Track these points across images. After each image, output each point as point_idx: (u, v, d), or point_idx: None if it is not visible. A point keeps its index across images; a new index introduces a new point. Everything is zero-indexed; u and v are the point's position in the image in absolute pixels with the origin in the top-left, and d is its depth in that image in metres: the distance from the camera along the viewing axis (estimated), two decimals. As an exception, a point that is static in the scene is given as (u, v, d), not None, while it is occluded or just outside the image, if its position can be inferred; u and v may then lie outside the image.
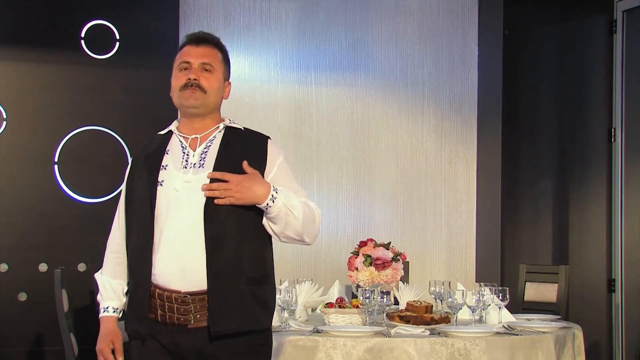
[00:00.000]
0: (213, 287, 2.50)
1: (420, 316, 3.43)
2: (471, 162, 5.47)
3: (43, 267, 4.52)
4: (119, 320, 2.70)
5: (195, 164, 2.60)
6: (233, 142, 2.65)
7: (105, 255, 2.74)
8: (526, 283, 4.73)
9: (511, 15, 5.44)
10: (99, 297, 2.71)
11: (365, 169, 5.37)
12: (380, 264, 4.01)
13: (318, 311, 3.67)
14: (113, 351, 2.64)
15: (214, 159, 2.60)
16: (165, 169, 2.60)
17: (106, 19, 4.72)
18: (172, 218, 2.53)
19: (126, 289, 2.67)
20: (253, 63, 5.25)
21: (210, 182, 2.54)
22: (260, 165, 2.62)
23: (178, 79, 2.65)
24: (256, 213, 2.59)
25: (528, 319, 3.83)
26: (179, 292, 2.51)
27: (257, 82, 5.24)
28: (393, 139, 5.40)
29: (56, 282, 3.62)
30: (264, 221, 2.61)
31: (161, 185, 2.57)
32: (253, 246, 2.59)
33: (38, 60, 4.61)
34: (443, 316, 3.46)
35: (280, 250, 2.73)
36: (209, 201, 2.52)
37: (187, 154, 2.62)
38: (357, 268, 4.06)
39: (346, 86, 5.36)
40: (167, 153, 2.64)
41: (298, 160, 5.24)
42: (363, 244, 4.15)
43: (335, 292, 4.02)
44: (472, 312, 3.52)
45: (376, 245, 4.10)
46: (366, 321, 3.42)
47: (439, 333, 3.27)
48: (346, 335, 3.16)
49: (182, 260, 2.51)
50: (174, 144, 2.66)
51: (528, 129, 5.72)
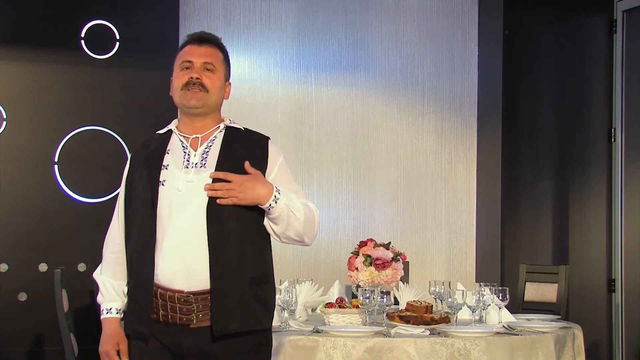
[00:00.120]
0: (216, 287, 2.50)
1: (420, 316, 3.43)
2: (471, 162, 5.47)
3: (43, 267, 4.52)
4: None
5: (196, 164, 2.59)
6: (234, 142, 2.65)
7: (103, 255, 2.72)
8: (526, 283, 4.73)
9: (511, 15, 5.44)
10: (100, 298, 2.69)
11: (365, 169, 5.37)
12: (380, 264, 4.01)
13: (318, 311, 3.67)
14: (118, 352, 2.62)
15: (216, 159, 2.60)
16: (166, 169, 2.59)
17: (106, 19, 4.72)
18: (175, 218, 2.53)
19: (126, 290, 2.66)
20: (253, 63, 5.25)
21: (212, 182, 2.54)
22: (261, 165, 2.62)
23: (180, 78, 2.64)
24: (258, 213, 2.59)
25: (528, 319, 3.83)
26: (182, 292, 2.51)
27: (257, 82, 5.24)
28: (393, 139, 5.40)
29: (56, 282, 3.62)
30: (265, 222, 2.61)
31: (163, 185, 2.56)
32: (254, 246, 2.59)
33: (38, 60, 4.60)
34: (443, 316, 3.45)
35: (280, 250, 2.73)
36: (212, 201, 2.52)
37: (189, 154, 2.62)
38: (357, 268, 4.06)
39: (346, 86, 5.36)
40: (168, 153, 2.63)
41: (298, 160, 5.24)
42: (363, 244, 4.15)
43: (335, 292, 4.01)
44: (472, 312, 3.52)
45: (376, 245, 4.10)
46: (366, 321, 3.42)
47: (439, 333, 3.27)
48: (346, 335, 3.16)
49: (185, 260, 2.51)
50: (175, 144, 2.65)
51: (528, 129, 5.72)
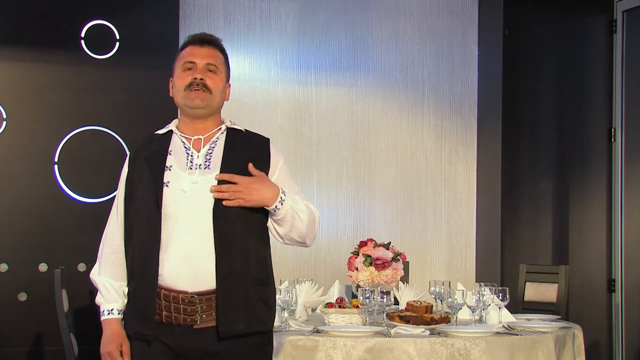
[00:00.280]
0: (222, 288, 2.50)
1: (420, 316, 3.43)
2: (471, 162, 5.47)
3: (43, 267, 4.52)
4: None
5: (200, 165, 2.59)
6: (237, 144, 2.66)
7: (102, 255, 2.69)
8: (526, 283, 4.73)
9: (511, 15, 5.44)
10: (100, 299, 2.67)
11: (365, 169, 5.37)
12: (380, 264, 4.00)
13: (318, 311, 3.67)
14: (120, 353, 2.62)
15: (220, 160, 2.60)
16: (169, 170, 2.59)
17: (106, 19, 4.72)
18: (180, 219, 2.52)
19: (127, 290, 2.65)
20: (253, 63, 5.25)
21: (217, 184, 2.54)
22: (264, 167, 2.64)
23: (182, 79, 2.64)
24: (262, 215, 2.60)
25: (528, 319, 3.83)
26: (186, 293, 2.51)
27: (257, 82, 5.24)
28: (393, 139, 5.40)
29: (56, 282, 3.62)
30: (269, 223, 2.63)
31: (167, 186, 2.56)
32: (258, 248, 2.61)
33: (38, 60, 4.60)
34: (443, 316, 3.45)
35: (280, 250, 2.73)
36: (218, 202, 2.52)
37: (191, 155, 2.62)
38: (357, 268, 4.06)
39: (346, 86, 5.36)
40: (170, 153, 2.62)
41: (298, 160, 5.24)
42: (363, 244, 4.14)
43: (335, 292, 4.01)
44: (472, 312, 3.52)
45: (376, 245, 4.10)
46: (366, 321, 3.41)
47: (439, 333, 3.27)
48: (346, 335, 3.16)
49: (191, 260, 2.51)
50: (176, 145, 2.65)
51: (528, 129, 5.72)
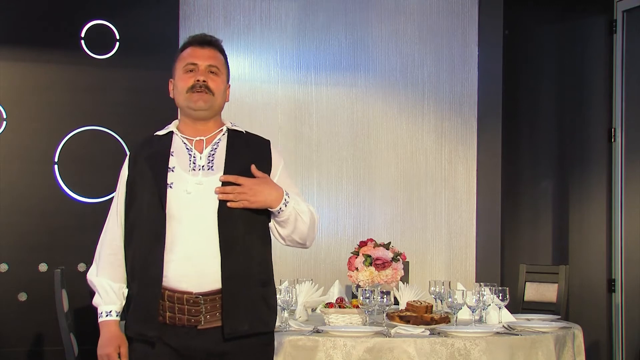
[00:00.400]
0: (227, 289, 2.51)
1: (420, 316, 3.43)
2: (471, 162, 5.47)
3: (43, 267, 4.52)
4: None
5: (203, 166, 2.59)
6: (239, 146, 2.66)
7: (100, 256, 2.68)
8: (526, 283, 4.73)
9: (511, 15, 5.44)
10: (98, 301, 2.65)
11: (365, 169, 5.37)
12: (380, 264, 4.00)
13: (318, 311, 3.67)
14: (119, 355, 2.61)
15: (223, 162, 2.60)
16: (172, 171, 2.58)
17: (106, 19, 4.72)
18: (184, 220, 2.52)
19: (126, 292, 2.64)
20: (253, 63, 5.25)
21: (221, 185, 2.54)
22: (266, 168, 2.64)
23: (185, 81, 2.64)
24: (265, 216, 2.61)
25: (528, 319, 3.83)
26: (191, 293, 2.51)
27: (257, 82, 5.24)
28: (393, 139, 5.40)
29: (56, 282, 3.62)
30: (271, 224, 2.64)
31: (171, 187, 2.55)
32: (260, 249, 2.61)
33: (38, 60, 4.60)
34: (443, 316, 3.45)
35: (280, 250, 2.73)
36: (222, 204, 2.53)
37: (194, 156, 2.62)
38: (357, 268, 4.06)
39: (346, 86, 5.36)
40: (172, 154, 2.62)
41: (298, 160, 5.24)
42: (363, 244, 4.14)
43: (335, 292, 4.01)
44: (472, 312, 3.52)
45: (376, 245, 4.10)
46: (366, 321, 3.41)
47: (439, 333, 3.27)
48: (346, 335, 3.16)
49: (196, 261, 2.51)
50: (178, 146, 2.65)
51: (528, 129, 5.72)
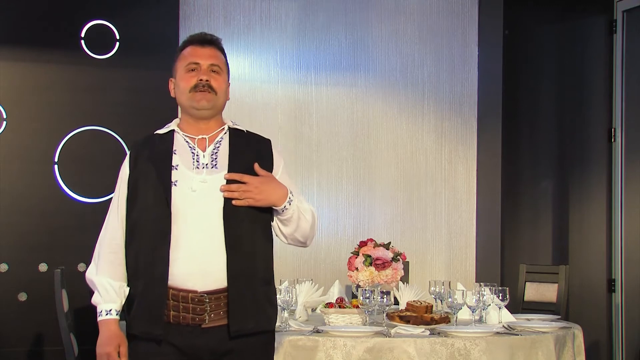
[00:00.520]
0: (233, 287, 2.51)
1: (420, 316, 3.43)
2: (471, 162, 5.47)
3: (43, 267, 4.52)
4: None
5: (207, 165, 2.60)
6: (241, 144, 2.67)
7: (99, 255, 2.67)
8: (526, 283, 4.73)
9: (511, 15, 5.44)
10: (98, 299, 2.64)
11: (365, 169, 5.37)
12: (380, 264, 4.00)
13: (318, 311, 3.67)
14: (118, 354, 2.60)
15: (227, 160, 2.61)
16: (176, 169, 2.58)
17: (106, 19, 4.72)
18: (189, 218, 2.53)
19: (127, 291, 2.63)
20: (253, 63, 5.25)
21: (226, 183, 2.55)
22: (268, 167, 2.65)
23: (187, 80, 2.64)
24: (268, 214, 2.62)
25: (528, 319, 3.83)
26: (196, 292, 2.51)
27: (257, 82, 5.24)
28: (393, 139, 5.40)
29: (56, 282, 3.62)
30: (274, 223, 2.64)
31: (175, 185, 2.56)
32: (264, 247, 2.62)
33: (38, 60, 4.60)
34: (443, 316, 3.45)
35: (280, 250, 2.73)
36: (228, 202, 2.53)
37: (197, 155, 2.62)
38: (357, 268, 4.06)
39: (346, 86, 5.36)
40: (175, 153, 2.62)
41: (298, 160, 5.24)
42: (363, 244, 4.14)
43: (335, 292, 4.01)
44: (472, 312, 3.52)
45: (376, 245, 4.10)
46: (366, 321, 3.41)
47: (439, 333, 3.27)
48: (346, 335, 3.16)
49: (202, 260, 2.51)
50: (180, 144, 2.65)
51: (528, 129, 5.72)
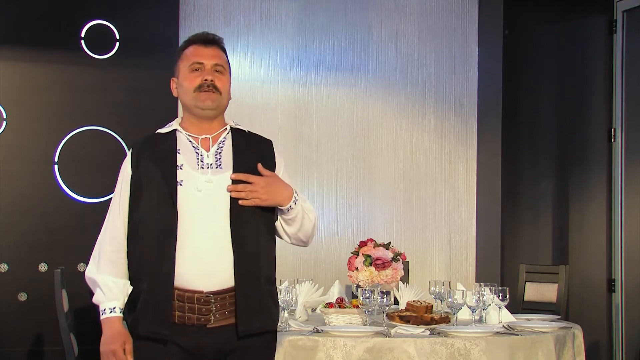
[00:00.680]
0: (240, 286, 2.51)
1: (420, 316, 3.43)
2: (471, 162, 5.47)
3: (43, 267, 4.52)
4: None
5: (211, 165, 2.60)
6: (244, 144, 2.67)
7: (100, 254, 2.65)
8: (526, 283, 4.73)
9: (511, 15, 5.44)
10: (100, 297, 2.62)
11: (365, 169, 5.37)
12: (380, 264, 4.00)
13: (318, 311, 3.67)
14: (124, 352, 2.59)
15: (231, 160, 2.61)
16: (181, 169, 2.58)
17: (106, 19, 4.72)
18: (196, 218, 2.53)
19: (130, 289, 2.62)
20: (253, 63, 5.25)
21: (232, 183, 2.55)
22: (270, 168, 2.66)
23: (191, 80, 2.63)
24: (272, 214, 2.63)
25: (528, 319, 3.83)
26: (201, 292, 2.51)
27: (257, 82, 5.24)
28: (393, 139, 5.40)
29: (56, 282, 3.62)
30: (277, 222, 2.65)
31: (181, 185, 2.55)
32: (268, 247, 2.63)
33: (38, 60, 4.60)
34: (443, 316, 3.45)
35: (280, 250, 2.73)
36: (234, 202, 2.54)
37: (201, 154, 2.62)
38: (357, 268, 4.06)
39: (346, 86, 5.36)
40: (179, 152, 2.62)
41: (298, 160, 5.24)
42: (363, 244, 4.14)
43: (335, 292, 4.01)
44: (472, 312, 3.52)
45: (376, 245, 4.10)
46: (366, 321, 3.41)
47: (439, 333, 3.27)
48: (346, 335, 3.16)
49: (208, 260, 2.51)
50: (184, 144, 2.64)
51: (528, 129, 5.72)
